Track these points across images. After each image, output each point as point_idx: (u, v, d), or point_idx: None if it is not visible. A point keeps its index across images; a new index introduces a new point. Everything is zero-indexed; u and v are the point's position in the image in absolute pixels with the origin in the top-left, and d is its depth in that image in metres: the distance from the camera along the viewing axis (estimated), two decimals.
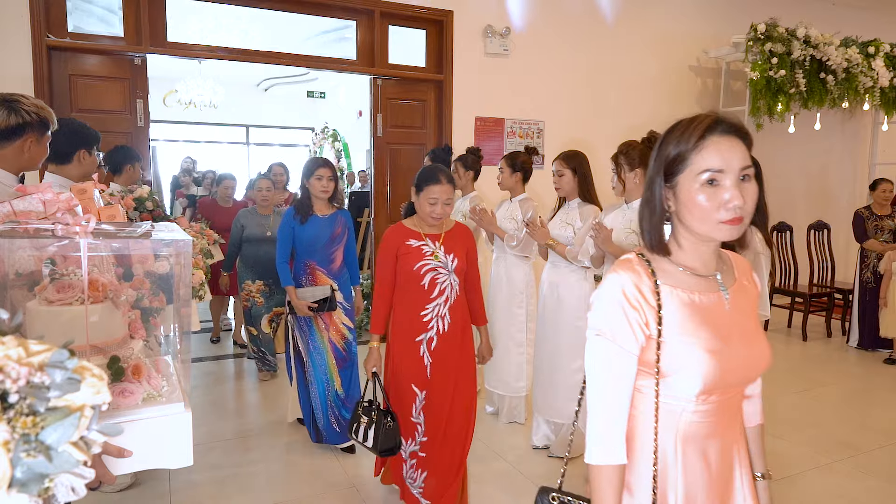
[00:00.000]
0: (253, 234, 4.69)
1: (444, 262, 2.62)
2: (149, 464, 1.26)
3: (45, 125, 2.05)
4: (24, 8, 4.40)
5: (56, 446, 0.61)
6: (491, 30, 5.83)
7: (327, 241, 3.49)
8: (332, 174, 3.47)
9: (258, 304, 4.73)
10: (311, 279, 3.51)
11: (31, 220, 1.25)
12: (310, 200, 3.49)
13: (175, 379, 1.39)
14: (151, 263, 1.49)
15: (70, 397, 0.63)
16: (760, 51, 6.25)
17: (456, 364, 2.71)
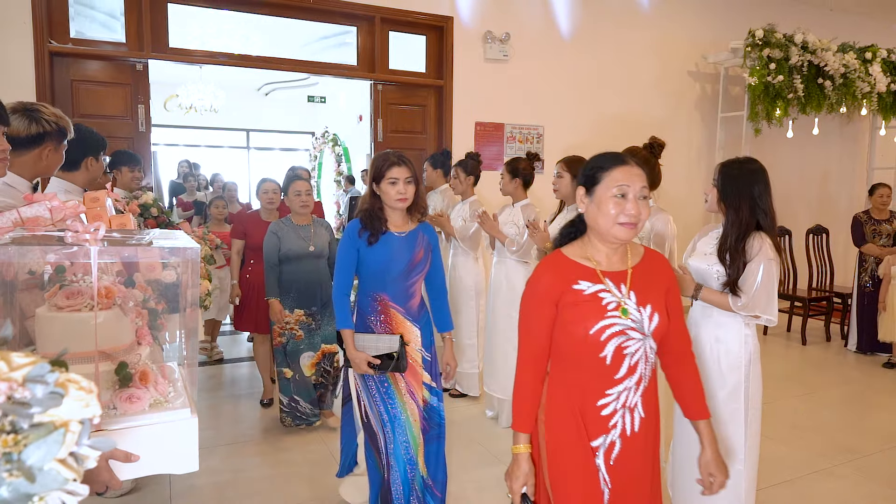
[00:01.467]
0: (292, 250, 3.75)
1: (637, 320, 1.62)
2: (155, 469, 1.28)
3: (63, 134, 2.09)
4: (26, 14, 4.43)
5: (40, 465, 0.57)
6: (491, 35, 5.86)
7: (405, 268, 2.52)
8: (410, 174, 2.50)
9: (296, 339, 3.83)
10: (385, 321, 2.55)
11: (40, 228, 1.27)
12: (382, 212, 2.53)
13: (181, 385, 1.41)
14: (159, 272, 1.51)
15: (54, 412, 0.59)
16: (759, 56, 6.28)
17: (646, 481, 1.74)
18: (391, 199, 2.47)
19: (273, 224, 3.80)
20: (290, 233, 3.78)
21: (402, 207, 2.50)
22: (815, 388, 4.95)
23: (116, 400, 1.26)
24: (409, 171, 2.50)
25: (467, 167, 4.41)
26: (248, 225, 4.29)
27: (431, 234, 2.64)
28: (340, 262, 2.55)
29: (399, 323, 2.55)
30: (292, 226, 3.80)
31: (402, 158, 2.51)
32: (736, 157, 2.52)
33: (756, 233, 2.34)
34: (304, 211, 3.37)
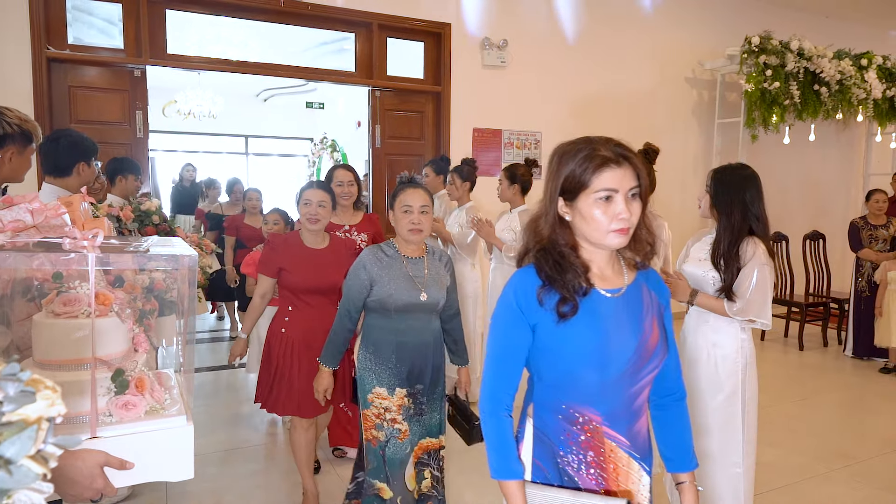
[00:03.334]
0: (394, 296, 2.39)
1: None
2: (150, 476, 1.28)
3: (28, 138, 2.06)
4: (24, 20, 4.44)
5: (15, 460, 0.59)
6: (488, 42, 5.88)
7: (633, 358, 1.38)
8: (636, 182, 1.35)
9: (400, 439, 2.45)
10: (596, 463, 1.40)
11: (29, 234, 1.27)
12: (577, 253, 1.40)
13: (177, 392, 1.41)
14: (137, 272, 1.51)
15: (25, 410, 0.61)
16: (755, 63, 6.31)
17: None
18: (602, 229, 1.32)
19: (367, 253, 2.46)
20: (391, 268, 2.42)
21: (622, 243, 1.35)
22: (811, 394, 4.96)
23: (112, 407, 1.26)
24: (636, 176, 1.35)
25: (463, 173, 4.42)
26: (284, 253, 2.87)
27: (658, 287, 1.51)
28: (499, 358, 1.41)
29: (621, 467, 1.40)
30: (395, 256, 2.46)
31: (626, 155, 1.34)
32: (728, 164, 2.54)
33: (749, 238, 2.36)
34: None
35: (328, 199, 2.87)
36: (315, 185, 2.88)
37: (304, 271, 2.82)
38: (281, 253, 2.84)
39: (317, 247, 2.89)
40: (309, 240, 2.89)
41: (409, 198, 2.37)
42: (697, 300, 2.48)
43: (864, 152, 8.27)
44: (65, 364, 1.28)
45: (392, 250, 2.48)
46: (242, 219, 5.64)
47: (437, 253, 2.57)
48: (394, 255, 2.47)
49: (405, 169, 5.85)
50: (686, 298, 2.51)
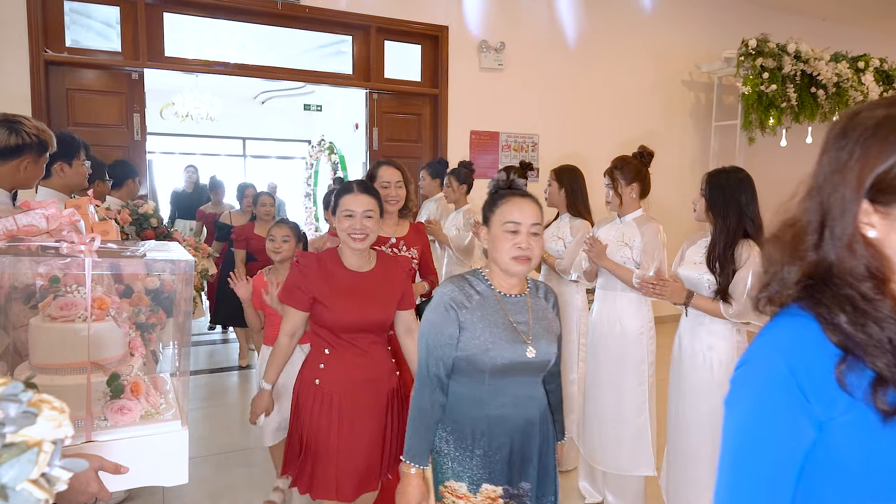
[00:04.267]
0: (491, 353, 1.71)
1: None
2: (145, 481, 1.28)
3: (45, 147, 2.10)
4: (22, 23, 4.44)
5: (12, 485, 0.57)
6: (486, 45, 5.89)
7: None
8: None
9: None
10: None
11: (35, 238, 1.27)
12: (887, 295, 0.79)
13: (172, 396, 1.41)
14: (143, 279, 1.52)
15: (26, 432, 0.59)
16: (752, 65, 6.32)
17: None
18: None
19: (451, 289, 1.74)
20: (485, 311, 1.73)
21: None
22: None
23: (107, 411, 1.27)
24: None
25: (460, 176, 4.43)
26: (319, 278, 2.17)
27: None
28: (755, 481, 0.82)
29: None
30: (489, 294, 1.76)
31: None
32: (723, 167, 2.56)
33: (744, 240, 2.38)
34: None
35: (376, 206, 2.17)
36: (358, 188, 2.18)
37: (347, 303, 2.13)
38: (314, 278, 2.13)
39: (362, 269, 2.21)
40: (352, 261, 2.20)
41: (518, 212, 1.73)
42: (693, 302, 2.49)
43: None
44: (61, 368, 1.28)
45: (483, 285, 1.76)
46: (252, 229, 4.90)
47: (541, 288, 1.88)
48: (486, 291, 1.75)
49: None
50: (682, 301, 2.52)
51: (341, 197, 2.17)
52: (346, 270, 2.19)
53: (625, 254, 2.91)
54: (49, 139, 2.11)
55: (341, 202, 2.16)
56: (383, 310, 2.20)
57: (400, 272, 2.30)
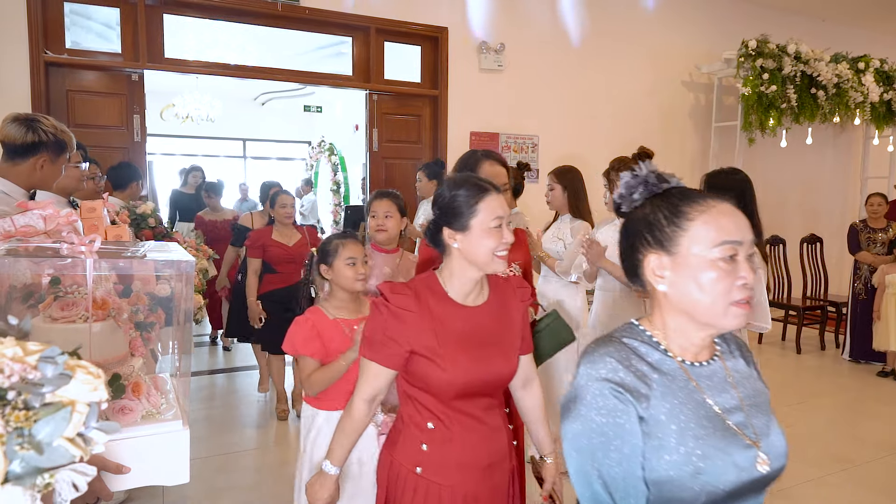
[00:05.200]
0: (706, 475, 1.01)
1: None
2: (146, 480, 1.28)
3: (62, 147, 2.09)
4: (22, 24, 4.44)
5: (48, 440, 0.61)
6: (485, 46, 5.89)
7: None
8: None
9: None
10: None
11: (36, 239, 1.27)
12: None
13: (173, 397, 1.41)
14: (153, 286, 1.52)
15: (61, 392, 0.64)
16: (752, 66, 6.33)
17: None
18: None
19: (606, 359, 1.07)
20: (673, 397, 1.06)
21: None
22: (809, 397, 4.96)
23: (109, 411, 1.27)
24: None
25: None
26: (423, 322, 1.53)
27: None
28: None
29: None
30: (668, 364, 1.11)
31: None
32: (721, 168, 2.56)
33: None
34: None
35: (506, 209, 1.55)
36: (491, 191, 1.53)
37: (464, 355, 1.51)
38: (414, 323, 1.49)
39: (476, 302, 1.58)
40: (462, 290, 1.56)
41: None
42: None
43: (861, 155, 8.28)
44: None
45: (657, 352, 1.11)
46: (270, 234, 4.18)
47: (731, 343, 1.23)
48: (665, 361, 1.10)
49: (402, 173, 5.93)
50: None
51: (481, 200, 1.49)
52: (455, 307, 1.54)
53: None
54: (68, 139, 2.11)
55: (477, 209, 1.48)
56: (507, 360, 1.59)
57: (517, 302, 1.66)
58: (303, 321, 2.17)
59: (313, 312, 2.21)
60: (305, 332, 2.14)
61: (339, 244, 2.21)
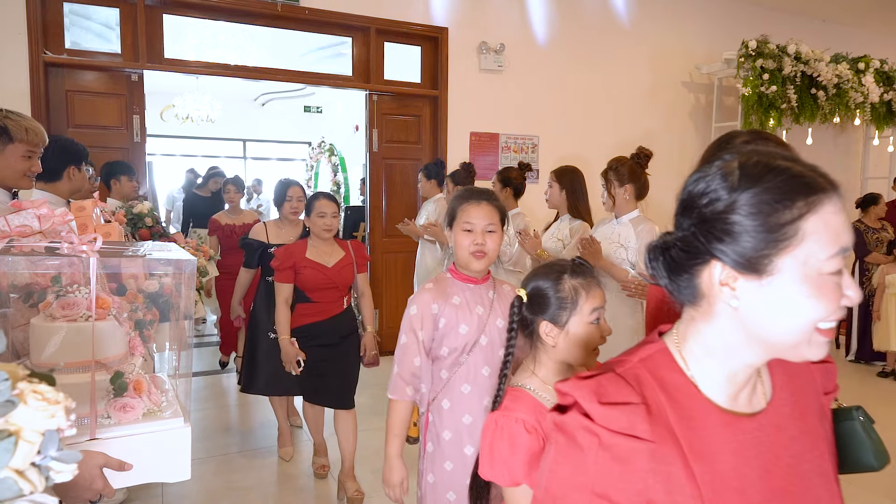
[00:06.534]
0: None
1: None
2: (148, 477, 1.28)
3: (6, 133, 2.01)
4: (21, 24, 4.44)
5: None
6: (485, 46, 5.89)
7: None
8: None
9: None
10: None
11: (35, 239, 1.27)
12: None
13: (172, 395, 1.41)
14: (142, 281, 1.52)
15: (15, 420, 0.58)
16: (752, 67, 6.33)
17: None
18: None
19: None
20: None
21: None
22: None
23: (110, 409, 1.27)
24: None
25: (457, 178, 4.46)
26: None
27: None
28: None
29: None
30: None
31: None
32: None
33: None
34: None
35: None
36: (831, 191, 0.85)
37: None
38: (653, 466, 0.79)
39: (755, 406, 0.88)
40: (732, 380, 0.86)
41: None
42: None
43: (861, 156, 8.29)
44: (64, 366, 1.28)
45: None
46: (303, 251, 3.10)
47: None
48: None
49: (402, 173, 5.94)
50: None
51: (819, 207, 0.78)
52: (721, 419, 0.85)
53: (620, 254, 2.92)
54: (12, 127, 2.01)
55: (814, 219, 0.77)
56: None
57: (815, 394, 1.04)
58: (512, 425, 1.36)
59: (520, 402, 1.41)
60: (530, 446, 1.33)
61: (582, 288, 1.46)
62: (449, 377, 1.83)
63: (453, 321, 1.81)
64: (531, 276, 1.51)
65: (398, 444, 1.85)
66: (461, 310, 1.82)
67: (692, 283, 0.84)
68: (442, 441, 1.83)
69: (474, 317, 1.81)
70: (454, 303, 1.83)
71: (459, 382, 1.82)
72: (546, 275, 1.47)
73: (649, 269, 0.88)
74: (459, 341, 1.81)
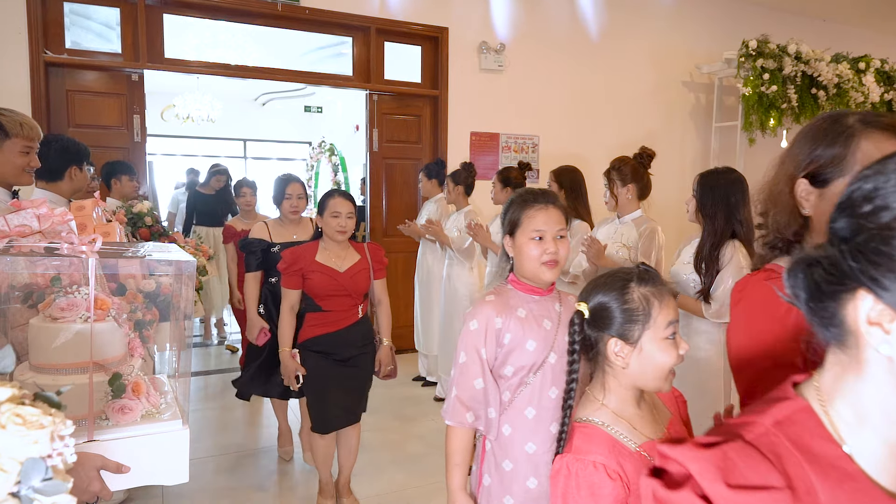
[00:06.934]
0: None
1: None
2: (146, 480, 1.28)
3: (2, 130, 2.00)
4: (22, 24, 4.44)
5: None
6: (486, 46, 5.89)
7: None
8: None
9: None
10: None
11: (34, 239, 1.27)
12: None
13: (171, 397, 1.41)
14: (141, 280, 1.51)
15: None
16: (752, 67, 6.32)
17: None
18: None
19: None
20: None
21: None
22: None
23: (109, 411, 1.27)
24: None
25: (457, 178, 4.46)
26: None
27: None
28: None
29: None
30: None
31: None
32: (716, 168, 2.56)
33: (730, 241, 2.38)
34: None
35: None
36: None
37: None
38: None
39: None
40: None
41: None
42: (678, 301, 2.49)
43: None
44: (62, 368, 1.28)
45: None
46: (313, 254, 2.85)
47: None
48: None
49: (402, 173, 5.93)
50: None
51: None
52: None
53: (623, 255, 2.92)
54: (6, 122, 2.01)
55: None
56: None
57: None
58: (589, 472, 1.19)
59: (594, 441, 1.24)
60: (616, 495, 1.17)
61: (653, 297, 1.30)
62: (511, 399, 1.63)
63: (520, 337, 1.62)
64: (591, 288, 1.34)
65: (461, 475, 1.63)
66: (527, 323, 1.63)
67: (837, 316, 0.64)
68: (502, 473, 1.62)
69: (542, 332, 1.62)
70: (519, 316, 1.64)
71: (523, 405, 1.61)
72: (608, 284, 1.30)
73: (787, 286, 0.67)
74: (527, 359, 1.62)
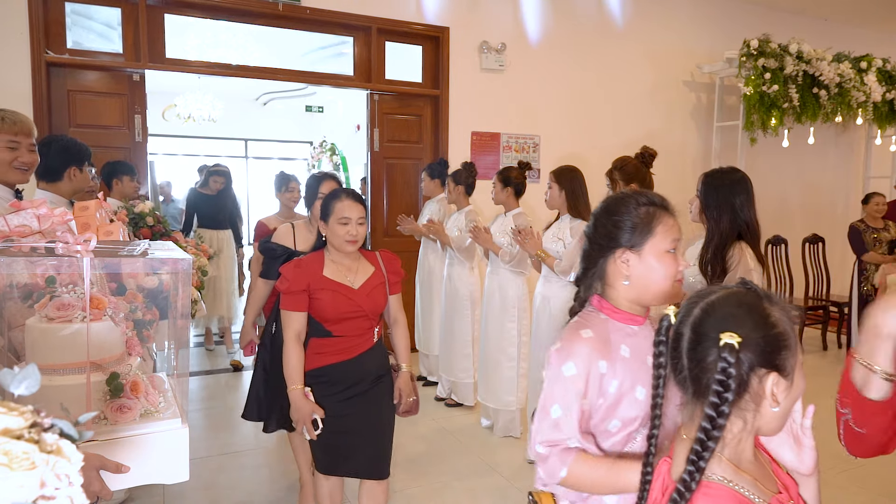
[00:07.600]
0: None
1: None
2: (146, 479, 1.28)
3: None
4: (23, 24, 4.45)
5: None
6: (487, 45, 5.89)
7: None
8: None
9: None
10: None
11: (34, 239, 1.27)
12: None
13: (171, 395, 1.41)
14: (142, 278, 1.52)
15: None
16: (754, 66, 6.32)
17: None
18: None
19: None
20: None
21: None
22: (810, 397, 4.94)
23: (107, 410, 1.27)
24: None
25: (458, 177, 4.46)
26: None
27: None
28: None
29: None
30: None
31: None
32: (719, 167, 2.53)
33: (736, 243, 2.34)
34: None
35: None
36: None
37: None
38: None
39: None
40: None
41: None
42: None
43: (863, 155, 8.27)
44: (58, 368, 1.28)
45: None
46: (320, 267, 2.35)
47: None
48: None
49: (403, 173, 5.93)
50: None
51: None
52: None
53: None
54: None
55: None
56: None
57: None
58: None
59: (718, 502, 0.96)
60: None
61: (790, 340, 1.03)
62: None
63: (627, 384, 1.30)
64: (726, 317, 0.97)
65: (628, 467, 1.25)
66: (632, 365, 1.31)
67: None
68: None
69: (649, 373, 1.14)
70: (623, 356, 1.32)
71: None
72: (748, 313, 0.98)
73: None
74: (636, 410, 1.31)
